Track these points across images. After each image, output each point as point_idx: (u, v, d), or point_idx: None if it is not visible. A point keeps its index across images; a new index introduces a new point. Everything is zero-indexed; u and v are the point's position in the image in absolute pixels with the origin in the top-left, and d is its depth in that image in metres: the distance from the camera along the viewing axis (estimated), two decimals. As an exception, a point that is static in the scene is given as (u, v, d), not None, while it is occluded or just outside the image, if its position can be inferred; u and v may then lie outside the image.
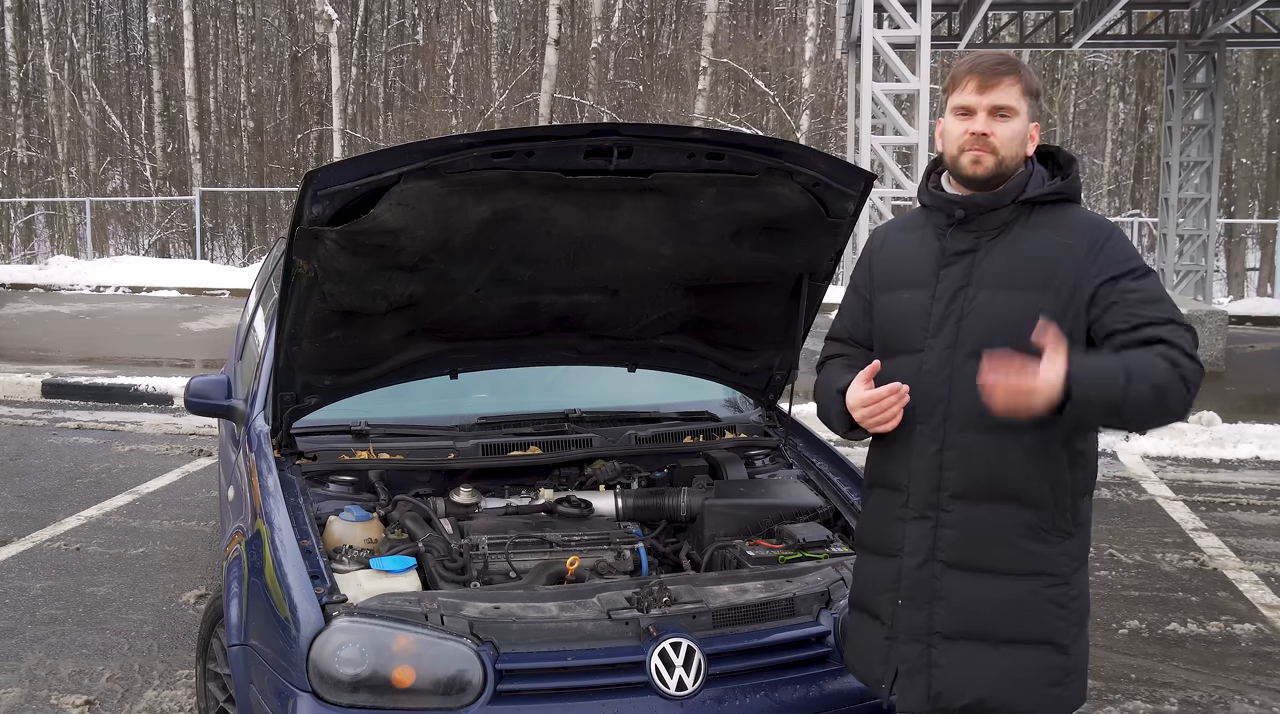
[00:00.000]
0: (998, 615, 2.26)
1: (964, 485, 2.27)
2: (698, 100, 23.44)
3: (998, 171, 2.27)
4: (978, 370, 2.17)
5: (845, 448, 3.30)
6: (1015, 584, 2.26)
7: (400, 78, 32.83)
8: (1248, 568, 5.60)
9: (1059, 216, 2.30)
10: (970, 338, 2.26)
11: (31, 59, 29.50)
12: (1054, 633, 2.27)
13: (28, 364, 10.48)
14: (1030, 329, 2.14)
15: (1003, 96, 2.26)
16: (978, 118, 2.27)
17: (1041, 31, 15.33)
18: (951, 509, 2.28)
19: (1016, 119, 2.27)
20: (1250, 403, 9.71)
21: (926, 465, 2.29)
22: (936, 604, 2.29)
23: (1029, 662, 2.27)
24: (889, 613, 2.36)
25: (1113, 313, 2.22)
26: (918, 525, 2.31)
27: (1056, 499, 2.26)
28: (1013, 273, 2.26)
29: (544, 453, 3.61)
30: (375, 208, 2.84)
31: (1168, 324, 2.19)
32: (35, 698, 3.97)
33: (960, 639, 2.28)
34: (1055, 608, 2.27)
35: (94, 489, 6.66)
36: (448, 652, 2.55)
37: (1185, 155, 14.18)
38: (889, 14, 10.13)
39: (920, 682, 2.31)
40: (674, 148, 2.96)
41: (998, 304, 2.25)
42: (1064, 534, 2.28)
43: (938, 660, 2.29)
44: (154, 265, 19.63)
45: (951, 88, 2.33)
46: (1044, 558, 2.26)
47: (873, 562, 2.44)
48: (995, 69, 2.26)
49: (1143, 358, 2.15)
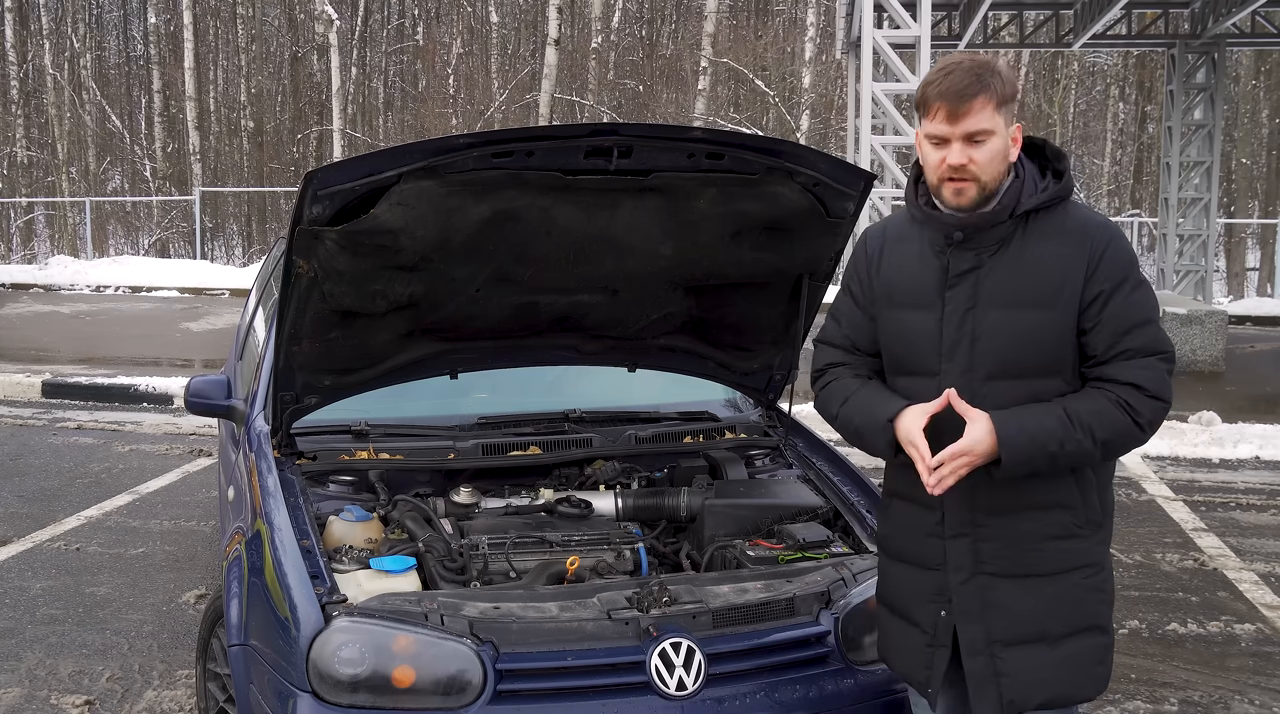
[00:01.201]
0: (1050, 615, 2.30)
1: (997, 502, 2.28)
2: (698, 100, 23.44)
3: (982, 196, 2.24)
4: (1000, 391, 2.23)
5: (845, 448, 3.30)
6: (1059, 582, 2.30)
7: (400, 78, 32.84)
8: (1248, 568, 5.60)
9: (1057, 220, 2.27)
10: (986, 360, 2.26)
11: (31, 59, 29.50)
12: (1098, 617, 2.35)
13: (28, 364, 10.48)
14: (1044, 347, 2.22)
15: (975, 122, 2.18)
16: (953, 148, 2.20)
17: (1041, 31, 15.33)
18: (988, 524, 2.30)
19: (994, 139, 2.20)
20: (1250, 403, 9.72)
21: (958, 487, 2.26)
22: (990, 615, 2.31)
23: (1082, 649, 2.32)
24: (931, 622, 2.38)
25: (1096, 335, 2.22)
26: (957, 543, 2.32)
27: (1084, 496, 2.30)
28: (1018, 290, 2.24)
29: (544, 453, 3.61)
30: (375, 208, 2.84)
31: (1143, 357, 2.21)
32: (35, 698, 3.97)
33: (1020, 644, 2.31)
34: (1097, 594, 2.34)
35: (94, 489, 6.66)
36: (448, 652, 2.55)
37: (1185, 155, 14.18)
38: (889, 14, 10.12)
39: (991, 692, 2.33)
40: (674, 148, 2.96)
41: (1009, 324, 2.24)
42: (1095, 525, 2.33)
43: (1003, 669, 2.31)
44: (154, 265, 19.63)
45: (922, 110, 2.25)
46: (1082, 551, 2.31)
47: (905, 571, 2.44)
48: (964, 94, 2.16)
49: (1094, 407, 2.19)
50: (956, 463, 2.19)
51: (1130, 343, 2.21)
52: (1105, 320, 2.21)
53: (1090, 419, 2.19)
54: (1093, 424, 2.18)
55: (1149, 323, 2.24)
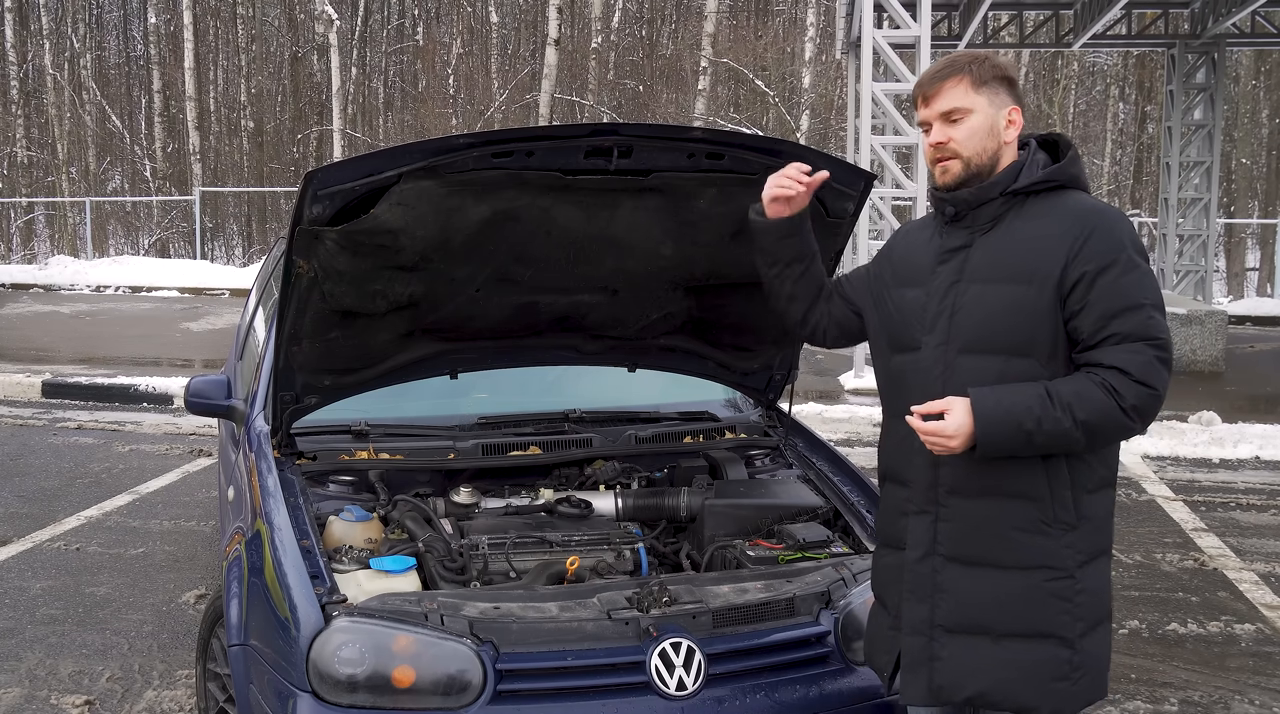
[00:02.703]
0: (998, 609, 2.27)
1: (959, 480, 2.29)
2: (698, 100, 23.44)
3: (967, 172, 2.30)
4: (971, 367, 2.24)
5: (845, 448, 3.29)
6: (1016, 578, 2.26)
7: (400, 78, 32.83)
8: (1248, 568, 5.60)
9: (1053, 204, 2.29)
10: (961, 334, 2.28)
11: (31, 59, 29.50)
12: (1058, 627, 2.27)
13: (28, 364, 10.49)
14: (1017, 323, 2.21)
15: (946, 100, 2.30)
16: (934, 129, 2.33)
17: (1041, 31, 15.33)
18: (949, 504, 2.30)
19: (972, 116, 2.29)
20: (1250, 403, 9.72)
21: (924, 461, 2.31)
22: (938, 597, 2.31)
23: (1032, 655, 2.27)
24: (895, 604, 2.41)
25: (1083, 318, 2.21)
26: (919, 520, 2.34)
27: (1054, 491, 2.26)
28: (1000, 266, 2.26)
29: (544, 453, 3.61)
30: (375, 208, 2.84)
31: (1130, 342, 2.18)
32: (35, 698, 3.97)
33: (961, 633, 2.29)
34: (1059, 601, 2.26)
35: (94, 489, 6.66)
36: (448, 652, 2.55)
37: (1185, 155, 14.18)
38: (889, 14, 10.12)
39: (922, 674, 2.33)
40: (674, 148, 2.96)
41: (986, 299, 2.26)
42: (1066, 526, 2.26)
43: (939, 654, 2.31)
44: (154, 265, 19.64)
45: (914, 105, 2.39)
46: (1045, 551, 2.26)
47: (886, 555, 2.48)
48: (935, 77, 2.32)
49: (1075, 388, 2.18)
50: (933, 430, 2.19)
51: (1118, 327, 2.18)
52: (1091, 303, 2.19)
53: (1071, 398, 2.16)
54: (1073, 403, 2.16)
55: (1140, 308, 2.19)
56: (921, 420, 2.20)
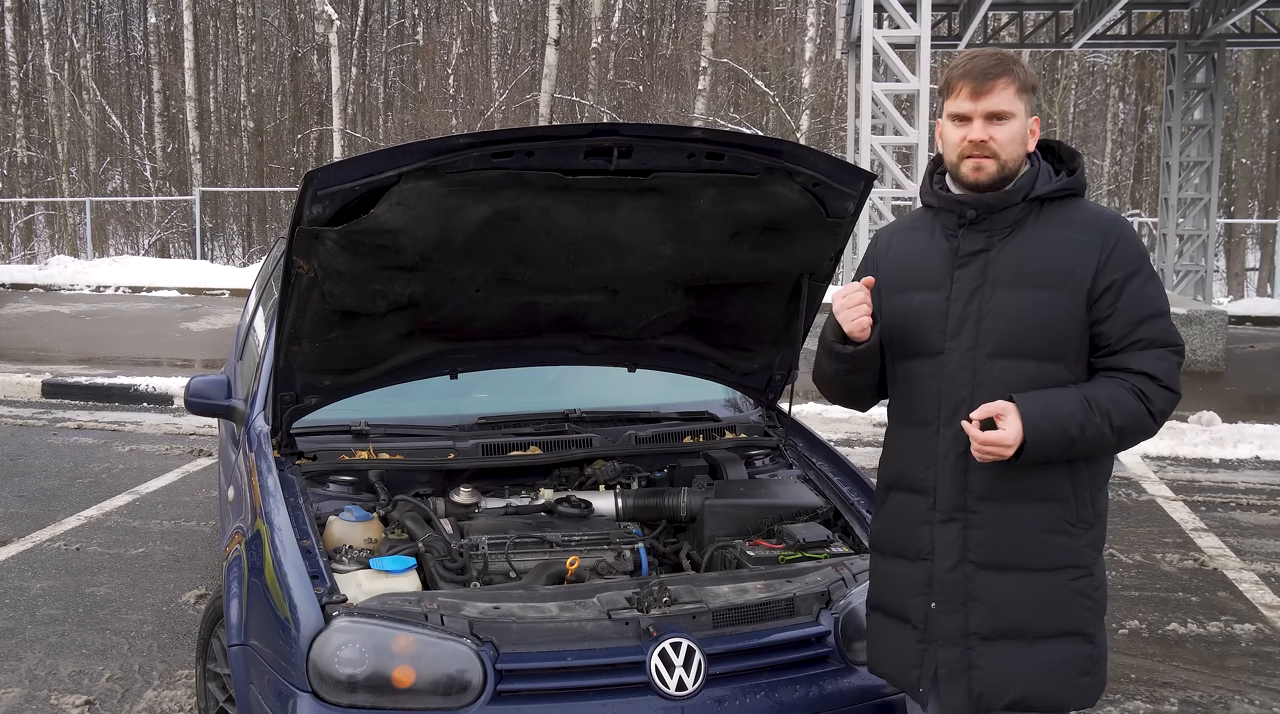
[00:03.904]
0: (1031, 612, 2.29)
1: (990, 486, 2.28)
2: (698, 100, 23.44)
3: (1000, 175, 2.29)
4: (1002, 371, 2.25)
5: (845, 448, 3.30)
6: (1045, 579, 2.29)
7: (400, 78, 32.84)
8: (1248, 568, 5.60)
9: (1069, 212, 2.32)
10: (991, 338, 2.28)
11: (31, 59, 29.51)
12: (1082, 623, 2.31)
13: (28, 364, 10.48)
14: (1049, 327, 2.23)
15: (998, 101, 2.26)
16: (974, 125, 2.27)
17: (1041, 31, 15.34)
18: (979, 510, 2.30)
19: (1014, 120, 2.28)
20: (1250, 403, 9.72)
21: (952, 467, 2.30)
22: (971, 606, 2.31)
23: (1062, 654, 2.30)
24: (921, 616, 2.37)
25: (1111, 324, 2.25)
26: (947, 528, 2.32)
27: (1077, 492, 2.30)
28: (1028, 271, 2.27)
29: (544, 453, 3.61)
30: (375, 208, 2.84)
31: (1155, 348, 2.25)
32: (35, 698, 3.97)
33: (997, 639, 2.30)
34: (1083, 599, 2.31)
35: (94, 489, 6.66)
36: (448, 652, 2.55)
37: (1185, 155, 14.19)
38: (889, 14, 10.13)
39: (961, 684, 2.32)
40: (674, 148, 2.96)
41: (1014, 303, 2.27)
42: (1086, 525, 2.31)
43: (977, 662, 2.31)
44: (154, 265, 19.64)
45: (946, 92, 2.33)
46: (1070, 551, 2.30)
47: (897, 566, 2.43)
48: (988, 73, 2.26)
49: (1111, 394, 2.22)
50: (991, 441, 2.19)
51: (1144, 333, 2.25)
52: (1120, 309, 2.24)
53: (1109, 405, 2.21)
54: (1110, 410, 2.21)
55: (1162, 315, 2.28)
56: (979, 429, 2.20)
